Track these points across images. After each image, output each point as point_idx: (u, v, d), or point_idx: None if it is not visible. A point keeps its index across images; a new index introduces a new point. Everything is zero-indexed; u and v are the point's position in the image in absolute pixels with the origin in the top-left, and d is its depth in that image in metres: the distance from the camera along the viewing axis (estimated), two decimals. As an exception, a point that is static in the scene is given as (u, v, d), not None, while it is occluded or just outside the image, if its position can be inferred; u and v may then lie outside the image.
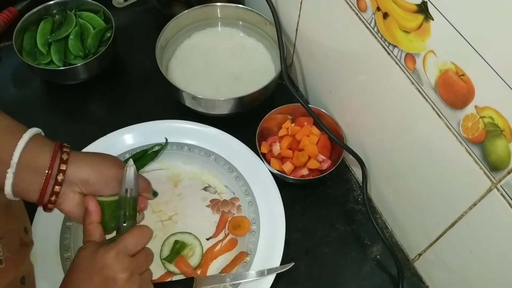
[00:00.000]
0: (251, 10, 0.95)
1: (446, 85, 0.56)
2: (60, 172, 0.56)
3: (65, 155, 0.56)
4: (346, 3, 0.70)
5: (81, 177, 0.58)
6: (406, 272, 0.76)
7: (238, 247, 0.76)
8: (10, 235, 0.60)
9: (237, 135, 0.86)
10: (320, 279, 0.76)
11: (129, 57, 1.02)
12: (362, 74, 0.74)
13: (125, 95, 0.98)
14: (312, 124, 0.86)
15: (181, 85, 0.87)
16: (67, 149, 0.57)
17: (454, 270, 0.67)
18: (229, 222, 0.78)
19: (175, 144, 0.86)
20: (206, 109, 0.87)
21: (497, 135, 0.51)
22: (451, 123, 0.57)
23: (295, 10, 0.85)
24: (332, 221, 0.81)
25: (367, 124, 0.77)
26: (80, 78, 0.93)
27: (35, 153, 0.55)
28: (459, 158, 0.57)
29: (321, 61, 0.85)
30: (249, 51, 0.97)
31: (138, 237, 0.56)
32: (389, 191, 0.77)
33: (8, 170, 0.53)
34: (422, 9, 0.55)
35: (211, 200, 0.81)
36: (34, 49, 0.94)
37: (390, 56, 0.64)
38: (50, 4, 0.96)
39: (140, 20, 1.08)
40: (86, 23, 0.97)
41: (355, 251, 0.79)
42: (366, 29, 0.67)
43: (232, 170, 0.83)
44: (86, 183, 0.58)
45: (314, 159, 0.82)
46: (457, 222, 0.63)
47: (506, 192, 0.53)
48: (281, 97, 0.90)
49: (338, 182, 0.86)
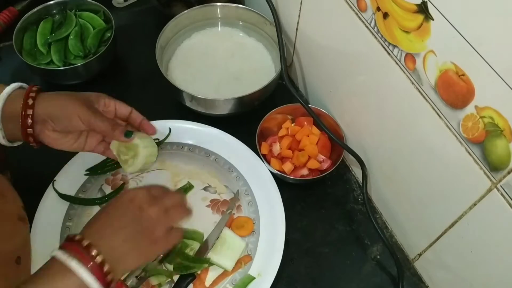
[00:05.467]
0: (251, 10, 0.95)
1: (446, 85, 0.56)
2: (28, 117, 0.64)
3: (30, 100, 0.64)
4: (346, 3, 0.70)
5: (47, 112, 0.65)
6: (406, 272, 0.76)
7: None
8: (6, 213, 0.64)
9: (237, 135, 0.86)
10: (320, 279, 0.76)
11: (129, 57, 1.02)
12: (362, 74, 0.74)
13: (125, 95, 0.97)
14: (312, 124, 0.86)
15: (181, 85, 0.87)
16: (33, 93, 0.64)
17: (454, 270, 0.67)
18: (232, 222, 0.78)
19: (175, 144, 0.86)
20: (206, 109, 0.87)
21: (497, 135, 0.51)
22: (451, 123, 0.57)
23: (295, 10, 0.85)
24: (332, 221, 0.81)
25: (367, 124, 0.77)
26: (80, 78, 0.93)
27: (13, 103, 0.64)
28: (459, 158, 0.57)
29: (321, 61, 0.85)
30: (249, 51, 0.97)
31: (172, 196, 0.63)
32: (389, 191, 0.77)
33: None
34: (422, 9, 0.55)
35: (211, 200, 0.81)
36: (34, 49, 0.94)
37: (390, 56, 0.64)
38: (50, 4, 0.96)
39: (140, 20, 1.08)
40: (86, 23, 0.97)
41: (355, 251, 0.79)
42: (366, 29, 0.67)
43: (232, 170, 0.83)
44: (54, 118, 0.65)
45: (314, 159, 0.82)
46: (457, 222, 0.63)
47: (506, 192, 0.53)
48: (281, 97, 0.90)
49: (338, 182, 0.86)
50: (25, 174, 0.73)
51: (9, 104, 0.64)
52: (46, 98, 0.65)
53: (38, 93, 0.65)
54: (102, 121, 0.67)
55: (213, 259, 0.73)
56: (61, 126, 0.66)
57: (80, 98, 0.67)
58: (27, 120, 0.64)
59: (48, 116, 0.65)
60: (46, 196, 0.77)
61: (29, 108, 0.64)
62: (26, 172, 0.73)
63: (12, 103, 0.64)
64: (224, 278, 0.73)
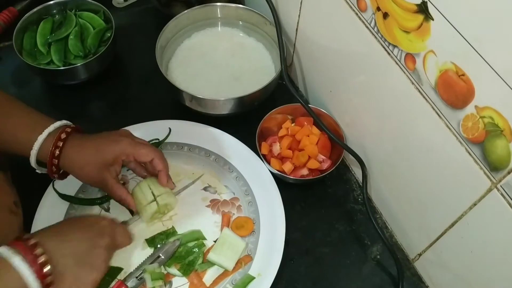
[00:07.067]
0: (251, 10, 0.95)
1: (446, 85, 0.56)
2: (53, 165, 0.69)
3: (57, 150, 0.68)
4: (346, 3, 0.70)
5: (68, 169, 0.70)
6: (406, 272, 0.76)
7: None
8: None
9: (237, 135, 0.86)
10: (320, 279, 0.76)
11: (129, 57, 1.02)
12: (362, 74, 0.74)
13: (125, 95, 0.98)
14: (312, 124, 0.86)
15: (181, 85, 0.87)
16: (61, 142, 0.68)
17: (454, 270, 0.67)
18: (232, 221, 0.78)
19: (175, 144, 0.86)
20: (206, 109, 0.87)
21: (497, 135, 0.51)
22: (451, 123, 0.57)
23: (295, 10, 0.85)
24: (332, 221, 0.81)
25: (367, 124, 0.77)
26: (80, 78, 0.93)
27: (49, 143, 0.69)
28: (459, 158, 0.57)
29: (321, 61, 0.85)
30: (249, 51, 0.97)
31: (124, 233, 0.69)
32: (389, 191, 0.77)
33: (32, 151, 0.68)
34: (422, 9, 0.55)
35: (211, 200, 0.81)
36: (34, 49, 0.94)
37: (390, 56, 0.64)
38: (50, 4, 0.96)
39: (140, 20, 1.08)
40: (86, 23, 0.97)
41: (355, 251, 0.79)
42: (366, 29, 0.67)
43: (232, 170, 0.83)
44: (74, 175, 0.72)
45: (314, 159, 0.82)
46: (457, 222, 0.63)
47: (506, 192, 0.53)
48: (281, 97, 0.90)
49: (338, 182, 0.86)
50: (25, 174, 0.73)
51: (44, 145, 0.68)
52: (70, 151, 0.69)
53: (65, 141, 0.69)
54: (114, 191, 0.72)
55: (213, 259, 0.73)
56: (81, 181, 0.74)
57: (98, 163, 0.70)
58: (52, 167, 0.69)
59: (69, 171, 0.71)
60: (46, 196, 0.77)
61: (55, 159, 0.68)
62: (26, 172, 0.73)
63: (46, 144, 0.68)
64: (224, 278, 0.73)
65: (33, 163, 0.69)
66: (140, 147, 0.72)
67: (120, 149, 0.70)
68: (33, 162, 0.69)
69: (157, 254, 0.73)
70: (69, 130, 0.70)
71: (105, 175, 0.70)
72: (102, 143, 0.71)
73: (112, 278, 0.71)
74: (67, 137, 0.69)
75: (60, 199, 0.78)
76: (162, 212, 0.77)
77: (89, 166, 0.69)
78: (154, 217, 0.76)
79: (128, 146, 0.71)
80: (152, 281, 0.69)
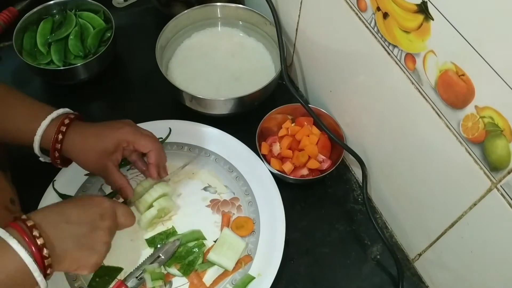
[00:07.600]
0: (251, 10, 0.95)
1: (446, 85, 0.56)
2: (55, 150, 0.70)
3: (59, 135, 0.68)
4: (346, 3, 0.70)
5: (70, 155, 0.71)
6: (406, 272, 0.76)
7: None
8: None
9: (237, 135, 0.86)
10: (320, 279, 0.76)
11: (129, 57, 1.02)
12: (362, 74, 0.74)
13: (125, 95, 0.98)
14: (312, 124, 0.86)
15: (181, 85, 0.87)
16: (64, 127, 0.68)
17: (454, 270, 0.67)
18: (232, 221, 0.78)
19: (175, 144, 0.86)
20: (206, 109, 0.87)
21: (497, 135, 0.51)
22: (451, 123, 0.57)
23: (295, 10, 0.85)
24: (332, 221, 0.81)
25: (367, 124, 0.77)
26: (80, 78, 0.93)
27: (52, 129, 0.69)
28: (459, 158, 0.57)
29: (321, 61, 0.85)
30: (249, 51, 0.97)
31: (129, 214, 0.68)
32: (389, 191, 0.77)
33: (35, 137, 0.68)
34: (422, 9, 0.55)
35: (211, 200, 0.81)
36: (34, 49, 0.94)
37: (390, 56, 0.64)
38: (50, 4, 0.96)
39: (140, 20, 1.08)
40: (86, 23, 0.97)
41: (355, 251, 0.79)
42: (366, 29, 0.67)
43: (232, 170, 0.83)
44: (76, 161, 0.72)
45: (314, 159, 0.82)
46: (457, 222, 0.63)
47: (506, 192, 0.53)
48: (281, 97, 0.90)
49: (338, 182, 0.86)
50: (25, 174, 0.73)
51: (47, 132, 0.69)
52: (72, 137, 0.70)
53: (68, 126, 0.69)
54: (114, 179, 0.72)
55: (213, 259, 0.73)
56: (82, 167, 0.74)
57: (100, 149, 0.70)
58: (55, 153, 0.70)
59: (71, 157, 0.72)
60: (46, 196, 0.77)
61: (57, 143, 0.69)
62: (26, 172, 0.73)
63: (49, 130, 0.69)
64: (224, 278, 0.73)
65: (36, 149, 0.69)
66: (141, 136, 0.72)
67: (121, 135, 0.71)
68: (37, 149, 0.69)
69: (157, 254, 0.73)
70: (72, 116, 0.70)
71: (106, 161, 0.71)
72: (104, 130, 0.71)
73: (112, 278, 0.71)
74: (70, 123, 0.69)
75: (60, 199, 0.77)
76: (159, 216, 0.77)
77: (91, 152, 0.70)
78: (152, 223, 0.77)
79: (129, 134, 0.71)
80: (152, 281, 0.69)
